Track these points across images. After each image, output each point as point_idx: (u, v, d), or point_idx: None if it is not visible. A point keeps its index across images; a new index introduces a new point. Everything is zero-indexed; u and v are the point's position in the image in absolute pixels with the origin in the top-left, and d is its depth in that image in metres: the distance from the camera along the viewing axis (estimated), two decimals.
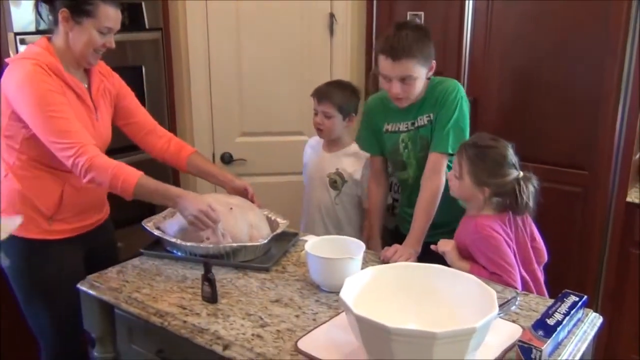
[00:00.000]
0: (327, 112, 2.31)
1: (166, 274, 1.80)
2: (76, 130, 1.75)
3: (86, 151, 1.72)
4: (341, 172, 2.39)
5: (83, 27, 1.80)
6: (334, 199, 2.41)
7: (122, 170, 1.74)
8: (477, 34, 2.74)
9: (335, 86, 2.36)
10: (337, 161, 2.40)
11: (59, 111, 1.74)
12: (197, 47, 2.98)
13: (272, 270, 1.82)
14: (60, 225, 1.90)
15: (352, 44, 3.08)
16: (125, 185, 1.73)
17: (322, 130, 2.35)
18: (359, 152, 2.38)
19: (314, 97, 2.34)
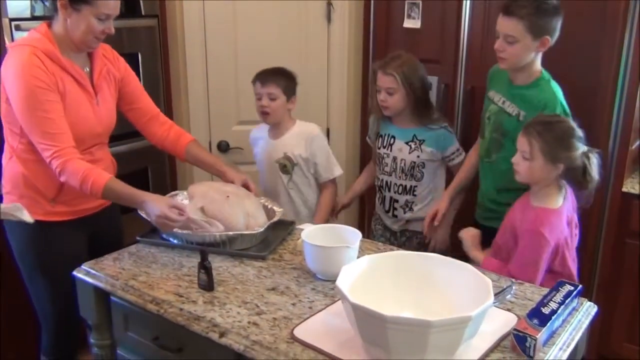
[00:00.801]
0: (272, 94, 2.32)
1: (162, 262, 1.80)
2: (57, 133, 1.78)
3: (61, 155, 1.76)
4: (289, 155, 2.39)
5: (81, 14, 1.80)
6: (287, 184, 2.43)
7: (92, 174, 1.77)
8: (475, 22, 2.73)
9: (275, 70, 2.39)
10: (284, 146, 2.41)
11: (45, 110, 1.76)
12: (194, 34, 2.96)
13: (268, 258, 1.82)
14: (62, 207, 1.94)
15: (349, 32, 3.07)
16: (94, 189, 1.77)
17: (268, 113, 2.35)
18: (303, 131, 2.40)
19: (257, 81, 2.36)
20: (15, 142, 1.89)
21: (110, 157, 2.14)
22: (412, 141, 2.37)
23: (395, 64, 2.27)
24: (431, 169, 2.40)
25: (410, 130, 2.37)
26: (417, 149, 2.36)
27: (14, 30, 2.40)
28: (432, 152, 2.37)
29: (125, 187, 1.82)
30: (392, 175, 2.43)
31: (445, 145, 2.38)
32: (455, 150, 2.40)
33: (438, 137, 2.36)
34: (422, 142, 2.35)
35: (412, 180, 2.40)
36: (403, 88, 2.27)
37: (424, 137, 2.36)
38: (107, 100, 2.00)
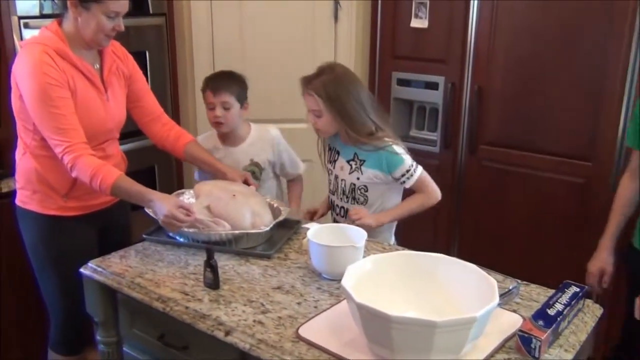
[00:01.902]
0: (226, 103, 2.21)
1: (169, 260, 1.81)
2: (68, 129, 1.79)
3: (72, 150, 1.78)
4: (257, 161, 2.32)
5: (91, 12, 1.82)
6: (257, 190, 2.33)
7: (101, 171, 1.78)
8: (482, 22, 2.73)
9: (226, 76, 2.26)
10: (247, 152, 2.32)
11: (56, 106, 1.78)
12: (201, 32, 2.98)
13: (274, 257, 1.82)
14: (74, 203, 1.97)
15: (356, 31, 3.06)
16: (103, 186, 1.78)
17: (222, 123, 2.24)
18: (263, 135, 2.33)
19: (208, 90, 2.22)
20: (28, 138, 1.92)
21: (121, 153, 2.17)
22: (352, 160, 2.08)
23: (317, 83, 1.97)
24: (378, 191, 2.08)
25: (352, 148, 2.08)
26: (357, 170, 2.06)
27: (23, 28, 2.42)
28: (375, 175, 2.05)
29: (134, 185, 1.83)
30: (334, 194, 2.18)
31: (389, 168, 2.03)
32: (405, 171, 2.02)
33: (380, 158, 2.03)
34: (363, 163, 2.05)
35: (355, 203, 2.11)
36: (328, 111, 1.98)
37: (364, 157, 2.05)
38: (117, 96, 2.03)
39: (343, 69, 2.05)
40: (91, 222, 2.04)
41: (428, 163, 2.70)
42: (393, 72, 3.04)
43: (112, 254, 1.85)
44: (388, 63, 3.05)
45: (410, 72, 2.98)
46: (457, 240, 3.01)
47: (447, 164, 2.96)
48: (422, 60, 2.93)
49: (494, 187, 2.84)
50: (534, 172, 2.71)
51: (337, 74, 2.00)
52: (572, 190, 2.63)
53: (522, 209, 2.79)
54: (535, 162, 2.70)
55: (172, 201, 1.80)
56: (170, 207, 1.76)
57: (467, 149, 2.89)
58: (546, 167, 2.68)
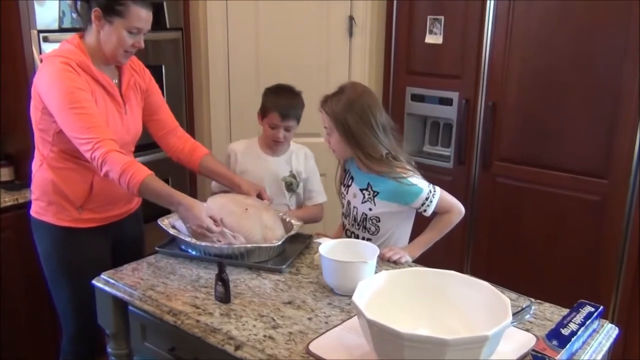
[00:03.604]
0: (290, 126, 2.27)
1: (180, 273, 1.81)
2: (97, 126, 1.78)
3: (102, 145, 1.75)
4: (295, 173, 2.36)
5: (113, 26, 1.85)
6: (289, 201, 2.37)
7: (132, 167, 1.75)
8: (497, 36, 2.71)
9: (292, 98, 2.27)
10: (287, 163, 2.36)
11: (83, 107, 1.78)
12: (217, 47, 2.99)
13: (285, 272, 1.82)
14: (89, 214, 1.97)
15: (371, 47, 3.06)
16: (132, 183, 1.74)
17: (282, 143, 2.31)
18: (298, 150, 2.38)
19: (276, 113, 2.23)
20: (46, 150, 1.93)
21: None
22: (366, 189, 1.99)
23: (330, 101, 1.94)
24: (390, 222, 2.01)
25: (366, 176, 1.98)
26: (370, 201, 1.98)
27: (42, 42, 2.45)
28: (389, 206, 1.97)
29: (164, 187, 1.81)
30: (346, 218, 2.11)
31: (408, 200, 1.94)
32: (425, 199, 1.93)
33: (395, 191, 1.94)
34: (376, 195, 1.97)
35: (365, 233, 2.04)
36: (336, 130, 1.94)
37: (379, 188, 1.96)
38: (135, 110, 2.05)
39: (360, 91, 1.97)
40: (105, 234, 2.04)
41: (441, 179, 2.78)
42: (407, 87, 3.03)
43: (124, 266, 1.85)
44: (402, 78, 3.05)
45: (424, 88, 2.97)
46: (470, 258, 2.98)
47: (460, 180, 2.93)
48: (436, 75, 2.92)
49: (507, 204, 2.81)
50: (548, 189, 2.68)
51: (351, 95, 1.93)
52: (588, 207, 2.59)
53: (536, 227, 2.75)
54: (550, 178, 2.66)
55: (204, 211, 1.79)
56: (205, 217, 1.77)
57: (481, 165, 2.86)
58: (561, 184, 2.64)
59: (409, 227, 2.09)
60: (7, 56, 2.50)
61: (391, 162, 1.96)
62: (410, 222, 2.08)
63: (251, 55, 3.01)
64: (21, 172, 2.57)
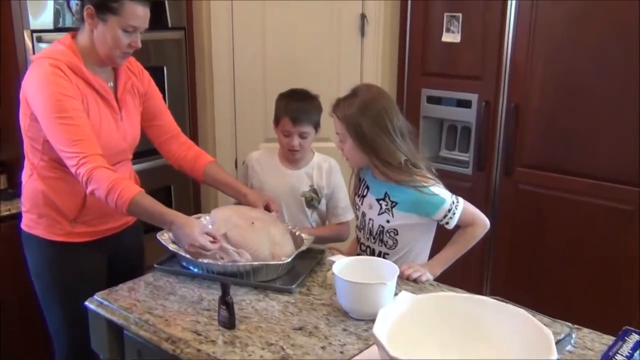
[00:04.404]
0: (305, 132, 2.10)
1: (181, 293, 1.68)
2: (83, 140, 1.69)
3: (88, 161, 1.67)
4: (316, 188, 2.18)
5: (107, 25, 1.75)
6: (310, 218, 2.22)
7: (120, 185, 1.67)
8: (519, 36, 2.62)
9: (305, 101, 2.13)
10: (309, 177, 2.19)
11: (70, 118, 1.69)
12: (221, 47, 2.92)
13: (295, 292, 1.68)
14: (83, 228, 1.88)
15: (384, 46, 2.99)
16: (120, 201, 1.66)
17: (298, 152, 2.13)
18: (322, 162, 2.20)
19: (286, 118, 2.08)
20: (36, 159, 1.83)
21: (134, 174, 2.08)
22: (383, 200, 1.87)
23: (342, 105, 1.84)
24: (409, 235, 1.88)
25: (384, 185, 1.87)
26: (388, 212, 1.86)
27: (36, 42, 2.36)
28: (408, 217, 1.85)
29: (155, 204, 1.71)
30: (361, 231, 1.99)
31: (429, 211, 1.83)
32: (447, 210, 1.80)
33: (415, 201, 1.82)
34: (395, 205, 1.85)
35: (382, 247, 1.91)
36: (349, 136, 1.83)
37: (397, 198, 1.84)
38: (131, 115, 1.95)
39: (375, 93, 1.86)
40: (100, 249, 1.94)
41: (459, 186, 2.66)
42: (423, 89, 2.95)
43: (120, 286, 1.72)
44: (417, 80, 2.97)
45: (441, 89, 2.89)
46: (490, 271, 2.87)
47: (480, 187, 2.83)
48: (454, 76, 2.83)
49: (531, 213, 2.71)
50: (575, 196, 2.58)
51: (365, 98, 1.82)
52: (618, 217, 2.47)
53: (562, 238, 2.63)
54: (577, 186, 2.56)
55: (198, 227, 1.68)
56: (196, 234, 1.65)
57: (502, 171, 2.76)
58: (589, 192, 2.53)
59: (429, 241, 1.95)
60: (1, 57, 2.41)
61: (411, 169, 1.84)
62: (431, 236, 1.95)
63: (258, 55, 2.94)
64: (15, 180, 2.46)
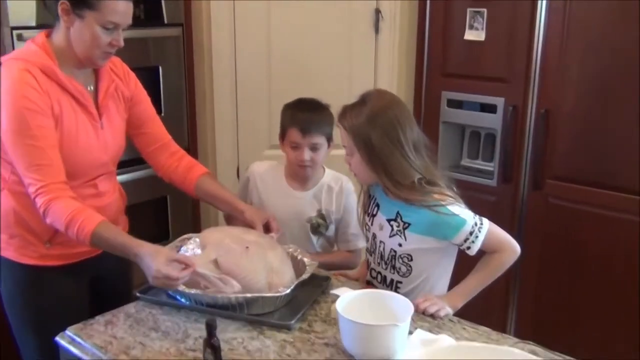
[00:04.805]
0: (317, 144, 1.97)
1: (164, 329, 1.54)
2: (44, 166, 1.62)
3: (46, 191, 1.60)
4: (324, 212, 2.05)
5: (85, 22, 1.64)
6: (316, 245, 2.09)
7: (80, 216, 1.60)
8: (551, 33, 2.51)
9: (314, 110, 2.02)
10: (317, 200, 2.06)
11: (33, 137, 1.61)
12: (222, 45, 2.86)
13: (294, 328, 1.54)
14: (59, 250, 1.78)
15: (400, 44, 2.94)
16: (82, 234, 1.59)
17: (309, 167, 2.00)
18: (333, 183, 2.07)
19: (294, 128, 1.97)
20: (7, 172, 1.74)
21: (119, 188, 1.97)
22: (394, 220, 1.73)
23: (351, 113, 1.70)
24: (425, 261, 1.73)
25: (395, 203, 1.72)
26: (400, 235, 1.71)
27: (16, 40, 2.25)
28: (423, 240, 1.70)
29: (118, 235, 1.63)
30: (372, 255, 1.86)
31: (446, 234, 1.67)
32: (469, 233, 1.64)
33: (431, 222, 1.67)
34: (407, 227, 1.70)
35: (395, 274, 1.77)
36: (357, 150, 1.69)
37: (410, 219, 1.69)
38: (114, 123, 1.84)
39: (387, 101, 1.72)
40: (80, 273, 1.82)
41: (482, 199, 2.67)
42: (443, 91, 2.87)
43: (97, 318, 1.59)
44: (437, 81, 2.89)
45: (463, 92, 2.81)
46: (516, 296, 2.74)
47: (505, 201, 2.72)
48: (478, 78, 2.74)
49: (562, 231, 2.59)
50: (611, 212, 2.46)
51: (375, 106, 1.67)
52: None
53: (597, 258, 2.51)
54: (613, 201, 2.44)
55: (162, 256, 1.56)
56: (159, 264, 1.53)
57: (531, 184, 2.65)
58: (627, 208, 2.40)
59: (448, 268, 1.80)
60: None
61: (425, 188, 1.68)
62: (451, 263, 1.79)
63: (262, 54, 2.88)
64: None
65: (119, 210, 1.93)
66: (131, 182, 2.61)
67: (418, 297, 1.66)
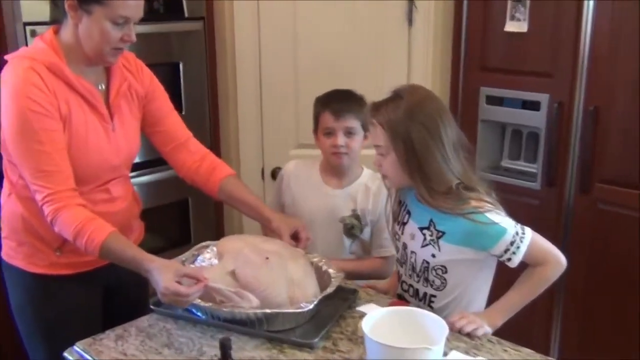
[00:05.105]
0: (352, 128, 1.95)
1: (178, 345, 1.50)
2: (51, 173, 1.60)
3: (55, 199, 1.59)
4: (359, 213, 2.01)
5: (93, 17, 1.62)
6: (350, 248, 2.04)
7: (89, 226, 1.58)
8: (600, 23, 2.40)
9: (349, 96, 2.01)
10: (352, 199, 2.02)
11: (39, 142, 1.59)
12: (246, 39, 2.85)
13: (318, 347, 1.48)
14: (70, 258, 1.75)
15: (435, 36, 2.87)
16: (90, 246, 1.57)
17: (344, 154, 1.97)
18: (370, 183, 2.02)
19: (327, 112, 1.96)
20: (15, 176, 1.72)
21: (133, 192, 1.94)
22: (427, 229, 1.65)
23: (384, 110, 1.62)
24: (461, 273, 1.65)
25: (428, 210, 1.63)
26: (433, 245, 1.63)
27: (29, 36, 2.26)
28: (459, 251, 1.62)
29: (128, 248, 1.60)
30: (402, 266, 1.79)
31: (485, 244, 1.59)
32: (509, 244, 1.56)
33: (467, 231, 1.58)
34: (442, 236, 1.62)
35: (428, 287, 1.68)
36: (393, 148, 1.61)
37: (444, 227, 1.61)
38: (127, 124, 1.81)
39: (425, 95, 1.67)
40: (92, 282, 1.80)
41: (525, 203, 2.59)
42: (481, 87, 2.81)
43: (107, 333, 1.56)
44: (475, 76, 2.83)
45: (503, 88, 2.74)
46: (560, 312, 2.64)
47: (550, 206, 2.63)
48: (520, 73, 2.67)
49: (612, 239, 2.48)
50: None
51: (412, 100, 1.61)
52: None
53: None
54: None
55: (171, 271, 1.52)
56: (167, 280, 1.49)
57: (578, 187, 2.56)
58: None
59: (487, 282, 1.71)
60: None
61: (462, 194, 1.59)
62: (489, 276, 1.71)
63: (288, 48, 2.84)
64: None
65: (133, 215, 1.89)
66: (151, 184, 2.62)
67: (453, 314, 1.58)
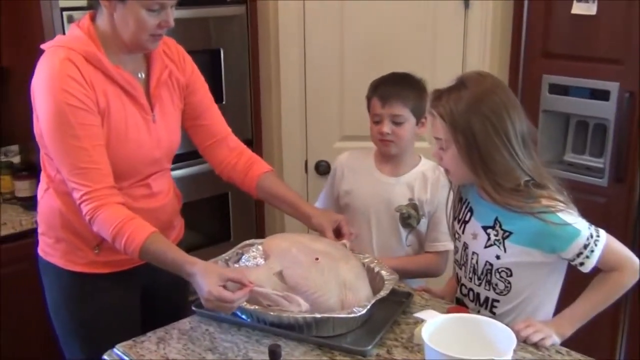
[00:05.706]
0: (399, 116, 1.95)
1: (222, 350, 1.50)
2: (89, 169, 1.61)
3: (93, 198, 1.60)
4: (416, 202, 2.00)
5: (127, 5, 1.64)
6: (406, 240, 2.03)
7: (128, 227, 1.59)
8: None
9: (401, 81, 2.01)
10: (408, 188, 2.02)
11: (76, 137, 1.61)
12: (290, 25, 2.85)
13: (371, 354, 1.47)
14: (109, 256, 1.77)
15: (494, 20, 2.83)
16: (130, 248, 1.59)
17: (390, 142, 1.97)
18: (428, 172, 2.03)
19: (375, 98, 1.99)
20: (52, 170, 1.75)
21: (173, 187, 1.95)
22: (492, 228, 1.62)
23: (445, 101, 1.59)
24: (528, 277, 1.62)
25: (493, 208, 1.60)
26: (499, 245, 1.60)
27: (66, 22, 2.30)
28: (526, 253, 1.59)
29: (169, 250, 1.62)
30: (462, 268, 1.76)
31: (556, 246, 1.55)
32: (583, 247, 1.52)
33: (537, 231, 1.54)
34: (508, 236, 1.59)
35: (490, 291, 1.65)
36: (454, 141, 1.58)
37: (511, 226, 1.58)
38: (168, 115, 1.83)
39: (492, 85, 1.61)
40: (131, 281, 1.83)
41: (591, 200, 2.49)
42: (544, 75, 2.75)
43: (148, 335, 1.58)
44: (537, 63, 2.77)
45: (568, 76, 2.67)
46: (627, 322, 2.57)
47: (618, 204, 2.57)
48: (587, 59, 2.60)
49: None
50: None
51: (478, 90, 1.56)
52: None
53: None
54: None
55: (215, 276, 1.53)
56: (210, 285, 1.49)
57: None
58: None
59: (555, 287, 1.67)
60: (25, 43, 2.36)
61: (531, 191, 1.55)
62: (559, 281, 1.67)
63: (334, 35, 2.83)
64: None
65: (174, 212, 1.91)
66: (189, 178, 2.64)
67: (518, 321, 1.55)
